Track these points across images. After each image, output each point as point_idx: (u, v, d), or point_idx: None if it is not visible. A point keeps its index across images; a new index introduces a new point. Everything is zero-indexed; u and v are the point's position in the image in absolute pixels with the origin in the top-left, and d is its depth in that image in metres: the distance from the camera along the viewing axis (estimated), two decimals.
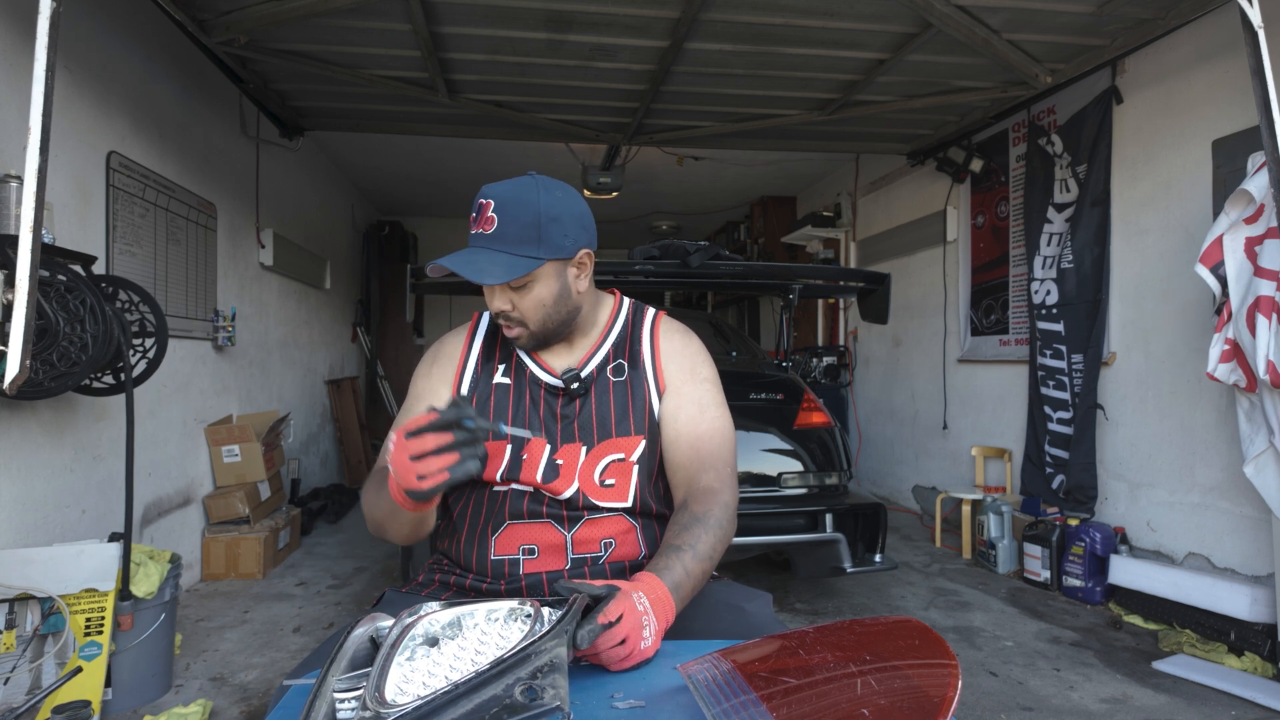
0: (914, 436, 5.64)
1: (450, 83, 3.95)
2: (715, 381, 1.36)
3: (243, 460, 3.99)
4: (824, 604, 3.57)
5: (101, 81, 3.00)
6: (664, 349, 1.35)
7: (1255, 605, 2.84)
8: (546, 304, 1.24)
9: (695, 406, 1.31)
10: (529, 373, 1.32)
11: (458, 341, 1.39)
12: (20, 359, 1.46)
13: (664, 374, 1.33)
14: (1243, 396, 2.70)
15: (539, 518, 1.25)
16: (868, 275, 3.83)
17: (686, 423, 1.29)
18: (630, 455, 1.27)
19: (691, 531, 1.14)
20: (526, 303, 1.23)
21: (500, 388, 1.31)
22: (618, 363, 1.33)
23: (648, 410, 1.30)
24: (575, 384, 1.28)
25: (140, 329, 2.68)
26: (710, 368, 1.37)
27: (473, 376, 1.34)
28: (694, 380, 1.33)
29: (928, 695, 0.71)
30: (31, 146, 1.46)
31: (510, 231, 1.17)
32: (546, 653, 0.79)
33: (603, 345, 1.34)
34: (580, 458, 1.26)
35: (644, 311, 1.42)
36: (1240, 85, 3.09)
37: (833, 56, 3.61)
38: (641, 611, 0.95)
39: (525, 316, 1.24)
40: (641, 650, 0.94)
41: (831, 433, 3.35)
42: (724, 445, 1.29)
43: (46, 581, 2.20)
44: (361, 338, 7.52)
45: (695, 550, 1.12)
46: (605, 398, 1.29)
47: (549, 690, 0.75)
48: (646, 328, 1.38)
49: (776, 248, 7.56)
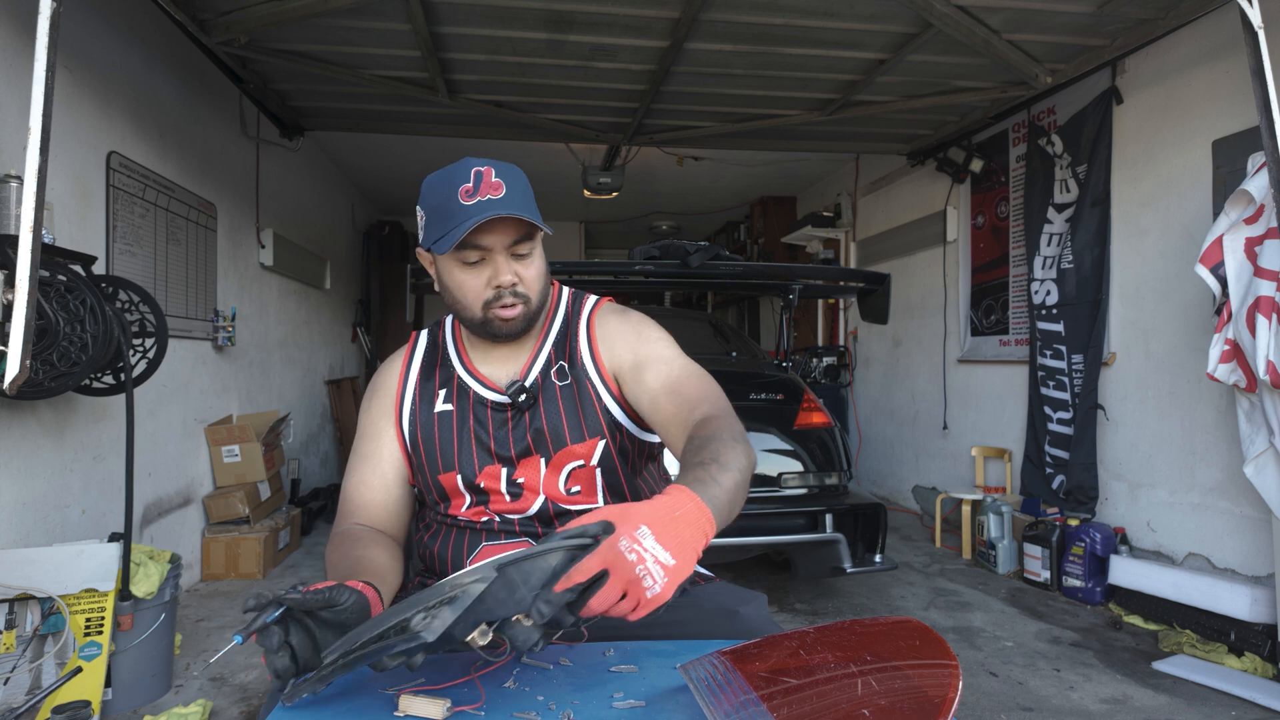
0: (914, 436, 5.63)
1: (450, 83, 3.95)
2: (668, 340, 1.28)
3: (243, 460, 3.99)
4: (824, 604, 3.57)
5: (102, 81, 3.00)
6: (601, 343, 1.28)
7: (1255, 605, 2.84)
8: (542, 276, 1.22)
9: (661, 363, 1.23)
10: (472, 394, 1.26)
11: (393, 371, 1.33)
12: (20, 359, 1.46)
13: (607, 366, 1.26)
14: (1243, 397, 2.70)
15: (514, 536, 1.22)
16: (868, 275, 3.83)
17: (656, 378, 1.21)
18: (590, 459, 1.23)
19: (709, 448, 0.99)
20: (531, 272, 1.20)
21: (443, 416, 1.25)
22: (559, 365, 1.27)
23: (599, 410, 1.24)
24: (522, 396, 1.22)
25: (140, 329, 2.68)
26: (656, 329, 1.30)
27: (411, 408, 1.28)
28: (644, 343, 1.26)
29: (928, 695, 0.71)
30: (31, 146, 1.46)
31: (516, 199, 1.14)
32: (459, 588, 0.77)
33: (543, 348, 1.28)
34: (541, 470, 1.22)
35: (583, 302, 1.34)
36: (1240, 85, 3.09)
37: (833, 56, 3.61)
38: (635, 560, 0.78)
39: (529, 289, 1.20)
40: (650, 599, 0.78)
41: (831, 433, 3.35)
42: (704, 382, 1.19)
43: (46, 581, 2.20)
44: (361, 338, 7.52)
45: (720, 462, 0.95)
46: (554, 405, 1.23)
47: (428, 621, 0.75)
48: (584, 321, 1.30)
49: (776, 248, 7.56)
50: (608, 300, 1.36)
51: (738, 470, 0.97)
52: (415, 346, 1.36)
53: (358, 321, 7.45)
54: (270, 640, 0.81)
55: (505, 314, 1.19)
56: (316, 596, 0.84)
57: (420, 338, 1.36)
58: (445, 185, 1.15)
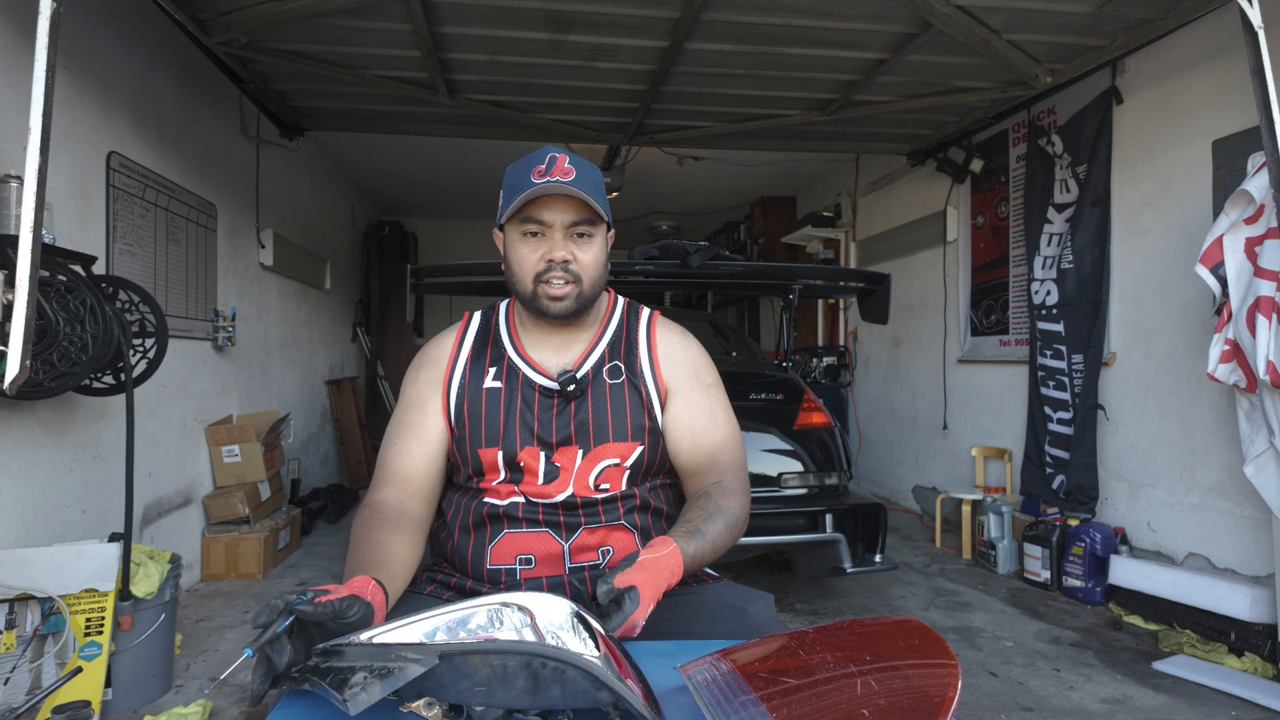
0: (914, 437, 5.63)
1: (450, 83, 3.95)
2: (720, 386, 1.36)
3: (243, 460, 3.99)
4: (824, 604, 3.57)
5: (102, 81, 3.00)
6: (663, 354, 1.32)
7: (1255, 605, 2.84)
8: (599, 264, 1.25)
9: (707, 416, 1.30)
10: (521, 375, 1.28)
11: (446, 343, 1.36)
12: (20, 359, 1.45)
13: (665, 380, 1.30)
14: (1243, 397, 2.70)
15: (536, 525, 1.23)
16: (868, 275, 3.83)
17: (703, 432, 1.29)
18: (625, 460, 1.26)
19: (714, 522, 1.18)
20: (587, 256, 1.23)
21: (491, 392, 1.28)
22: (613, 364, 1.30)
23: (647, 417, 1.27)
24: (571, 385, 1.25)
25: (140, 329, 2.68)
26: (713, 371, 1.36)
27: (461, 380, 1.30)
28: (701, 387, 1.32)
29: (928, 695, 0.71)
30: (31, 146, 1.46)
31: (586, 184, 1.19)
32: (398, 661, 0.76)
33: (598, 344, 1.31)
34: (577, 461, 1.24)
35: (639, 311, 1.39)
36: (1240, 85, 3.09)
37: (833, 56, 3.61)
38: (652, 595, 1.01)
39: (583, 271, 1.23)
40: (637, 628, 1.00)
41: (831, 433, 3.35)
42: (738, 453, 1.32)
43: (46, 581, 2.20)
44: (361, 338, 7.52)
45: (711, 540, 1.15)
46: (602, 401, 1.26)
47: (356, 692, 0.73)
48: (643, 329, 1.35)
49: (776, 248, 7.55)
50: (659, 312, 1.41)
51: (714, 553, 1.17)
52: (469, 324, 1.38)
53: (358, 322, 7.45)
54: (280, 655, 0.82)
55: (555, 290, 1.22)
56: (326, 609, 0.84)
57: (474, 317, 1.39)
58: (523, 167, 1.22)
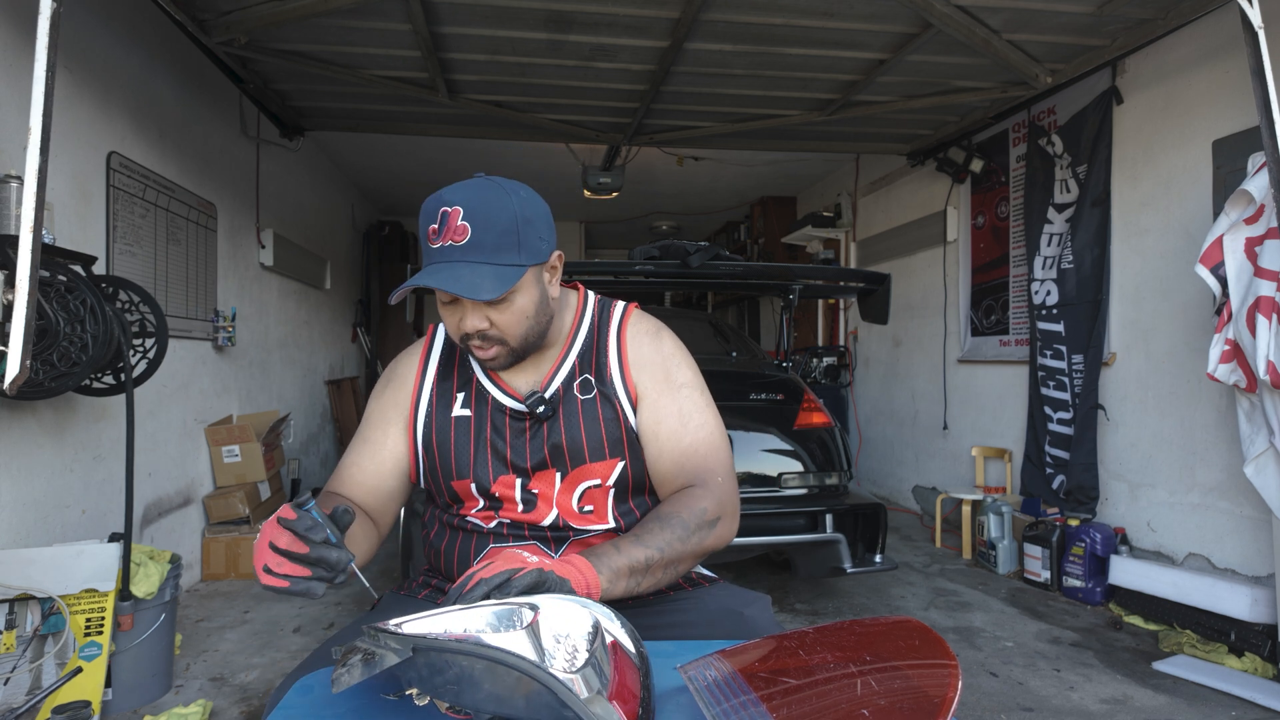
0: (914, 437, 5.63)
1: (450, 83, 3.95)
2: (695, 383, 1.24)
3: (243, 460, 3.99)
4: (824, 604, 3.57)
5: (102, 81, 3.00)
6: (632, 358, 1.23)
7: (1255, 606, 2.84)
8: (529, 315, 1.12)
9: (675, 419, 1.20)
10: (491, 400, 1.21)
11: (411, 364, 1.29)
12: (20, 359, 1.45)
13: (635, 385, 1.22)
14: (1243, 397, 2.70)
15: (523, 540, 1.20)
16: (868, 275, 3.83)
17: (669, 438, 1.19)
18: (607, 480, 1.19)
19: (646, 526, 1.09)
20: (506, 318, 1.11)
21: (460, 421, 1.21)
22: (584, 378, 1.22)
23: (623, 429, 1.20)
24: (541, 407, 1.18)
25: (140, 329, 2.68)
26: (688, 368, 1.25)
27: (428, 408, 1.24)
28: (670, 388, 1.22)
29: (928, 695, 0.71)
30: (31, 146, 1.46)
31: (487, 240, 1.06)
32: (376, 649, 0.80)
33: (566, 358, 1.23)
34: (556, 485, 1.19)
35: (611, 310, 1.29)
36: (1240, 85, 3.09)
37: (833, 56, 3.61)
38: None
39: (505, 333, 1.12)
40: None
41: (831, 433, 3.35)
42: (711, 455, 1.19)
43: (46, 581, 2.20)
44: (361, 338, 7.52)
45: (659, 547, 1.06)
46: (574, 420, 1.19)
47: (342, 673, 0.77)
48: (613, 333, 1.25)
49: (776, 248, 7.56)
50: (635, 307, 1.31)
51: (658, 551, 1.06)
52: (434, 340, 1.30)
53: (358, 322, 7.45)
54: (308, 523, 0.92)
55: (481, 355, 1.15)
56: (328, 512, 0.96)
57: (438, 331, 1.31)
58: (424, 219, 1.10)
